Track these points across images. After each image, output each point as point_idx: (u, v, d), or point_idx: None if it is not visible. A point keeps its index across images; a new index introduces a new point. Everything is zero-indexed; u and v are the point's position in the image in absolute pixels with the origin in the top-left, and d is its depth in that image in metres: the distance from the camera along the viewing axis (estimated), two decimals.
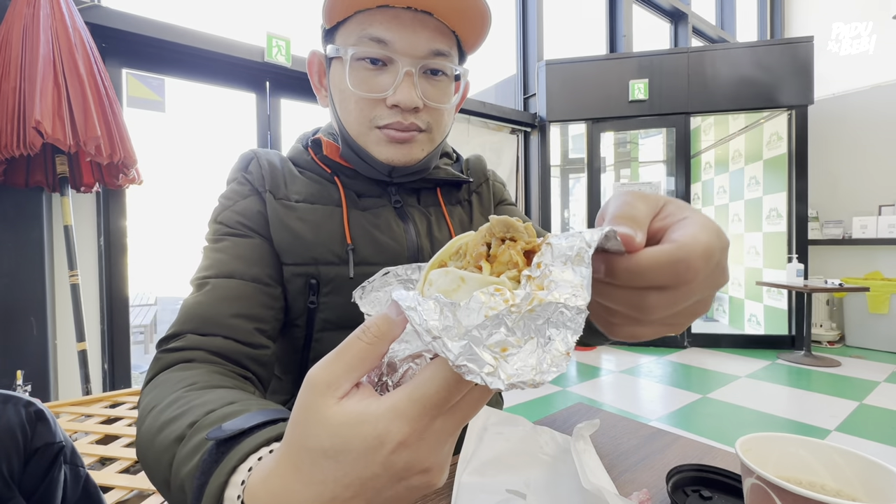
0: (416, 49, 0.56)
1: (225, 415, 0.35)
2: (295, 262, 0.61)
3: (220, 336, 0.51)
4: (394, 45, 0.56)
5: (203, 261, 0.59)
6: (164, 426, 0.38)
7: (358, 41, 0.57)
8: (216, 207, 0.63)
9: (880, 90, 4.31)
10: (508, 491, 0.43)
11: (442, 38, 0.58)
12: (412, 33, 0.56)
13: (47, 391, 1.89)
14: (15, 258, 1.84)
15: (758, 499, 0.33)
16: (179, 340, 0.50)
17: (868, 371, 3.27)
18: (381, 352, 0.25)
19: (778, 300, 4.05)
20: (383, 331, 0.25)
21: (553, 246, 0.24)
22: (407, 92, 0.56)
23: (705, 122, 5.00)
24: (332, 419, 0.23)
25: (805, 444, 0.38)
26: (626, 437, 0.59)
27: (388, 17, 0.56)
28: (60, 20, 1.65)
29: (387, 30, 0.55)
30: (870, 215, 4.26)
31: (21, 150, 1.51)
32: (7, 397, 0.65)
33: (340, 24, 0.59)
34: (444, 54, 0.58)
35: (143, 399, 0.45)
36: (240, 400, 0.38)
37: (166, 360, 0.49)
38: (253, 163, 0.65)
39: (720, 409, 2.60)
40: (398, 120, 0.58)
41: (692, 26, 4.81)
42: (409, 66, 0.56)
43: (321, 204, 0.63)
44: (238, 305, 0.54)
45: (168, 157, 2.54)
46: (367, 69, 0.57)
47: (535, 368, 0.20)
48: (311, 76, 0.67)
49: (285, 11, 2.82)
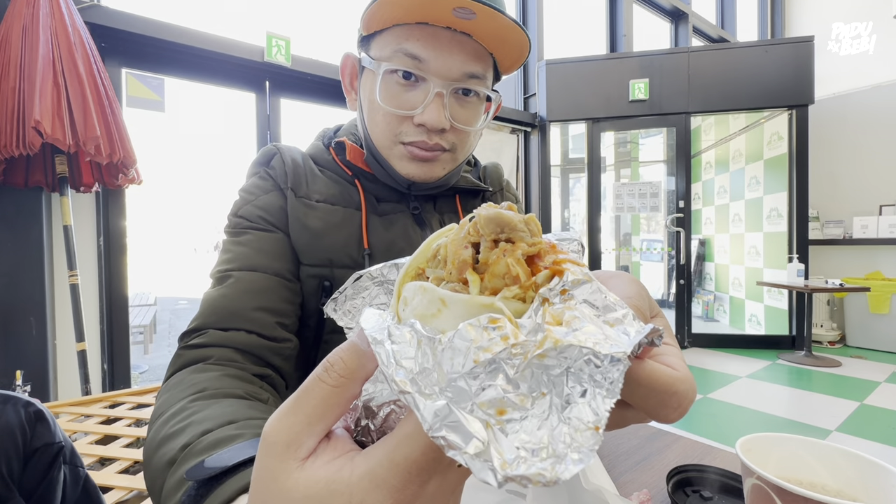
0: (449, 70, 0.56)
1: (217, 441, 0.35)
2: (311, 263, 0.61)
3: (244, 330, 0.52)
4: (428, 63, 0.55)
5: (223, 254, 0.59)
6: (163, 442, 0.38)
7: (393, 55, 0.56)
8: (237, 201, 0.63)
9: (880, 90, 4.30)
10: (508, 492, 0.43)
11: (478, 61, 0.58)
12: (448, 54, 0.56)
13: (47, 391, 1.88)
14: (14, 258, 1.84)
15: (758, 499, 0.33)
16: (201, 336, 0.51)
17: (869, 371, 3.27)
18: (352, 394, 0.20)
19: (778, 300, 4.05)
20: (351, 368, 0.19)
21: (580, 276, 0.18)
22: (435, 113, 0.56)
23: (705, 122, 5.00)
24: (294, 490, 0.18)
25: (805, 445, 0.38)
26: (627, 438, 0.59)
27: (426, 34, 0.55)
28: (60, 20, 1.65)
29: (423, 47, 0.55)
30: (870, 215, 4.26)
31: (20, 149, 1.51)
32: (6, 398, 0.65)
33: (377, 34, 0.59)
34: (478, 77, 0.58)
35: (158, 398, 0.46)
36: (240, 420, 0.38)
37: (186, 357, 0.50)
38: (276, 158, 0.65)
39: (721, 409, 2.59)
40: (423, 139, 0.58)
41: (692, 26, 4.80)
42: (441, 87, 0.56)
43: (341, 206, 0.64)
44: (261, 299, 0.55)
45: (167, 156, 2.55)
46: (399, 84, 0.57)
47: (548, 449, 0.13)
48: (343, 78, 0.66)
49: (285, 11, 2.81)
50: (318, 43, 2.87)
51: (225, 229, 0.62)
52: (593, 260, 4.17)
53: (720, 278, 5.00)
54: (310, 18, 2.94)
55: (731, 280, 4.76)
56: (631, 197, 4.25)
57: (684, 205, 4.00)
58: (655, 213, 4.43)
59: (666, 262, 5.77)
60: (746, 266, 4.50)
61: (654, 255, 5.93)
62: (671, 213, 4.11)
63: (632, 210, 4.30)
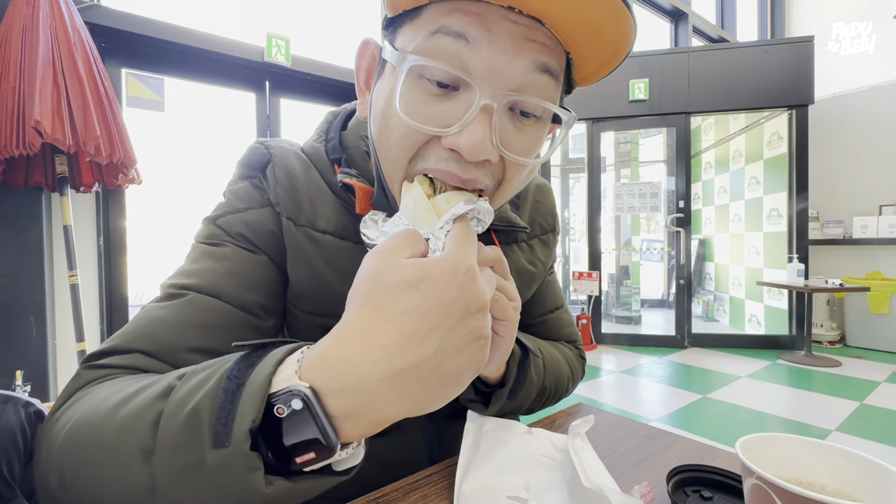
0: (507, 73, 0.36)
1: (226, 358, 0.30)
2: (313, 312, 0.51)
3: (173, 367, 0.40)
4: (474, 59, 0.35)
5: (188, 262, 0.47)
6: (132, 397, 0.30)
7: (426, 42, 0.36)
8: (221, 203, 0.51)
9: (880, 90, 4.30)
10: (510, 497, 0.43)
11: (547, 58, 0.37)
12: (506, 50, 0.35)
13: (47, 391, 1.89)
14: (14, 258, 1.84)
15: (758, 499, 0.33)
16: (122, 358, 0.39)
17: (868, 371, 3.27)
18: (423, 239, 0.33)
19: (778, 300, 4.05)
20: (419, 234, 0.34)
21: None
22: (477, 135, 0.36)
23: (705, 122, 5.00)
24: (408, 262, 0.29)
25: (805, 445, 0.38)
26: (627, 438, 0.59)
27: (477, 10, 0.35)
28: (60, 20, 1.65)
29: (472, 25, 0.35)
30: (870, 215, 4.26)
31: (20, 149, 1.51)
32: (6, 398, 0.65)
33: (407, 16, 0.39)
34: (547, 86, 0.39)
35: (56, 420, 0.33)
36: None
37: (88, 376, 0.37)
38: (269, 169, 0.50)
39: (720, 409, 2.60)
40: (452, 171, 0.38)
41: (692, 26, 4.80)
42: (490, 98, 0.36)
43: (351, 241, 0.50)
44: (205, 337, 0.42)
45: (167, 156, 2.54)
46: (428, 90, 0.37)
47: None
48: (358, 74, 0.46)
49: (285, 11, 2.82)
50: (318, 43, 2.87)
51: (197, 235, 0.50)
52: (593, 259, 4.17)
53: (720, 278, 5.00)
54: (310, 18, 2.94)
55: (731, 280, 4.76)
56: (631, 197, 4.25)
57: (684, 205, 4.00)
58: (655, 213, 4.43)
59: (666, 262, 5.77)
60: (746, 266, 4.50)
61: (654, 255, 5.94)
62: (671, 213, 4.11)
63: (632, 210, 4.31)
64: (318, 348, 0.29)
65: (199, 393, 0.27)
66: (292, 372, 0.27)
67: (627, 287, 4.93)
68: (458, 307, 0.28)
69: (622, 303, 4.90)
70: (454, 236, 0.32)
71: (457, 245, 0.31)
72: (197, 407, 0.26)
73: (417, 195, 0.37)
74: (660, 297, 5.96)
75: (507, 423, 0.54)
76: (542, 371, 0.60)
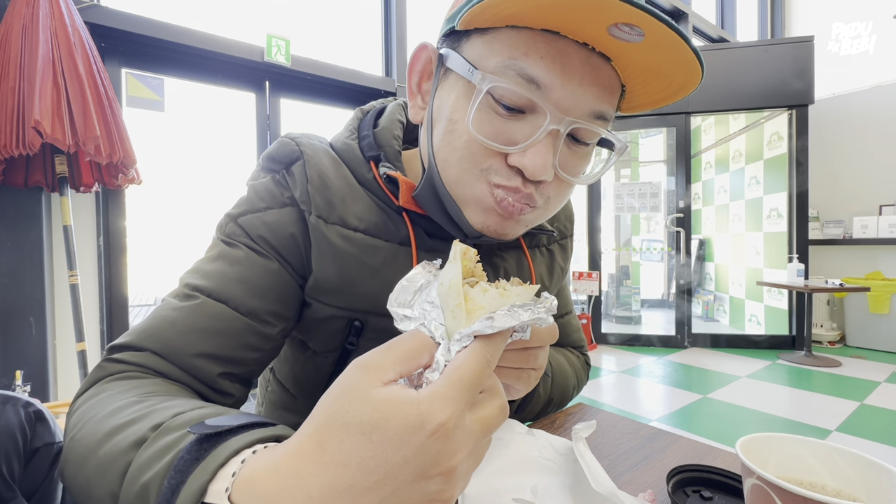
0: (575, 105, 0.40)
1: (201, 416, 0.31)
2: (339, 306, 0.51)
3: (179, 369, 0.44)
4: (549, 91, 0.39)
5: (205, 260, 0.49)
6: (115, 432, 0.32)
7: (502, 70, 0.39)
8: (241, 199, 0.52)
9: (880, 90, 4.30)
10: (515, 500, 0.43)
11: (609, 96, 0.42)
12: (578, 84, 0.39)
13: (46, 391, 1.88)
14: (14, 258, 1.84)
15: (758, 499, 0.33)
16: (136, 354, 0.43)
17: (869, 371, 3.27)
18: (429, 353, 0.27)
19: (778, 300, 4.05)
20: (427, 344, 0.28)
21: None
22: (542, 157, 0.40)
23: (705, 122, 5.00)
24: (377, 396, 0.24)
25: (805, 445, 0.38)
26: (627, 438, 0.59)
27: (553, 51, 0.38)
28: (60, 20, 1.65)
29: (547, 70, 0.38)
30: (870, 215, 4.26)
31: (20, 149, 1.51)
32: (6, 398, 0.65)
33: (479, 32, 0.41)
34: (605, 119, 0.42)
35: (75, 409, 0.38)
36: (213, 406, 0.34)
37: (110, 369, 0.41)
38: (297, 166, 0.50)
39: (721, 409, 2.59)
40: (516, 186, 0.42)
41: (692, 26, 4.80)
42: (558, 125, 0.40)
43: (383, 239, 0.51)
44: (212, 343, 0.45)
45: (167, 156, 2.54)
46: (499, 113, 0.41)
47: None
48: (411, 75, 0.49)
49: (285, 11, 2.81)
50: (318, 43, 2.87)
51: (218, 228, 0.51)
52: (593, 259, 4.17)
53: (720, 278, 5.00)
54: (310, 18, 2.94)
55: (731, 280, 4.76)
56: (631, 197, 4.25)
57: (684, 205, 4.00)
58: (655, 212, 4.44)
59: (666, 262, 5.77)
60: (746, 266, 4.50)
61: (654, 255, 5.94)
62: (671, 213, 4.11)
63: (632, 210, 4.31)
64: (259, 463, 0.25)
65: (154, 467, 0.28)
66: (224, 488, 0.25)
67: (627, 287, 4.93)
68: (410, 470, 0.23)
69: (622, 303, 4.90)
70: (452, 369, 0.25)
71: (446, 386, 0.24)
72: (148, 483, 0.27)
73: (454, 277, 0.30)
74: (660, 297, 5.96)
75: (508, 423, 0.54)
76: (550, 386, 0.64)
